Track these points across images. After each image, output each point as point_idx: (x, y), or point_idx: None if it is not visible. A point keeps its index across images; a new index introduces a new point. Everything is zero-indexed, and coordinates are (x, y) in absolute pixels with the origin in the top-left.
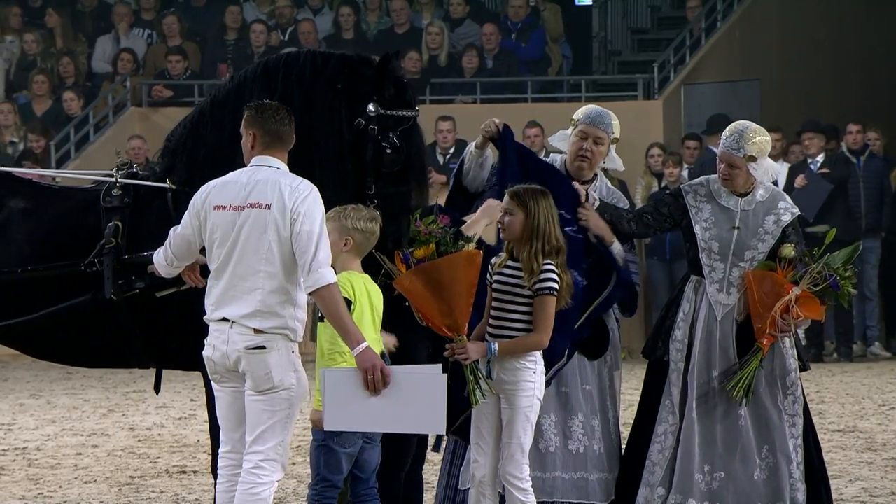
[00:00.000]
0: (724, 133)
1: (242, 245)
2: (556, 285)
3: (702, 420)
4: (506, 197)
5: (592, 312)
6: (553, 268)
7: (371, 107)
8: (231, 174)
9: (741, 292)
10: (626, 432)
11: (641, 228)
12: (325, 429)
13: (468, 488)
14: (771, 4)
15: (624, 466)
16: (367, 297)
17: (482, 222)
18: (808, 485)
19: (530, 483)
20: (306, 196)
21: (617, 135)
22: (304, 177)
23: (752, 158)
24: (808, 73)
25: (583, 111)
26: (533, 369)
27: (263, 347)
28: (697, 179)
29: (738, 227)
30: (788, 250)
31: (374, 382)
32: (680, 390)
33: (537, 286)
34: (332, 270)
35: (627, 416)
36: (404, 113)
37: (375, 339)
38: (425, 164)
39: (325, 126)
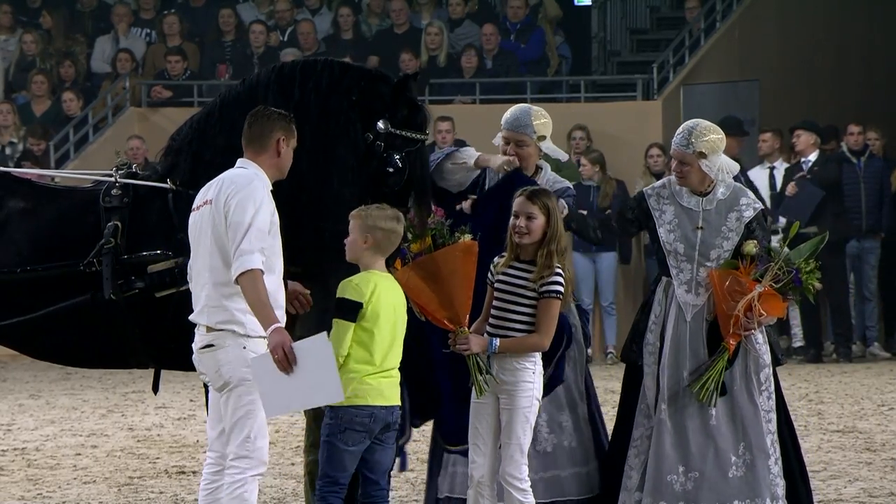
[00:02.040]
0: (677, 131)
1: (200, 243)
2: (562, 289)
3: (673, 420)
4: (521, 200)
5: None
6: (561, 271)
7: (381, 124)
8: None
9: (709, 292)
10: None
11: (608, 235)
12: (266, 416)
13: (447, 496)
14: (770, 4)
15: (605, 473)
16: (388, 298)
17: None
18: (787, 479)
19: (529, 483)
20: (239, 189)
21: (544, 133)
22: (320, 185)
23: (702, 155)
24: (808, 73)
25: (507, 114)
26: (532, 370)
27: (212, 345)
28: (660, 181)
29: (701, 228)
30: (750, 247)
31: (279, 362)
32: (654, 393)
33: (544, 288)
34: (256, 257)
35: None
36: (413, 135)
37: (392, 341)
38: (428, 190)
39: (339, 135)
